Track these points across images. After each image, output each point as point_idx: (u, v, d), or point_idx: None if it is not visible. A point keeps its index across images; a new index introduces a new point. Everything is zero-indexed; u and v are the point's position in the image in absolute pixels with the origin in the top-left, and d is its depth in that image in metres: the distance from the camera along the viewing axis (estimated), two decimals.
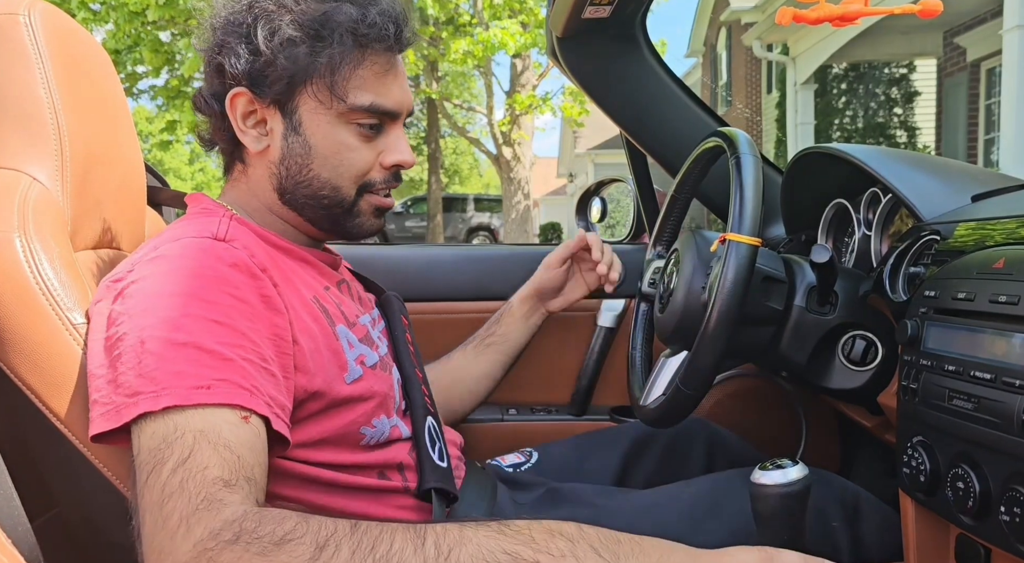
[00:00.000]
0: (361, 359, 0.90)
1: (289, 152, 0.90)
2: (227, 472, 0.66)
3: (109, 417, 0.69)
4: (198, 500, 0.63)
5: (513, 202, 11.05)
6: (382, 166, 0.93)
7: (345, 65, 0.87)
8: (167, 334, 0.71)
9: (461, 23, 10.31)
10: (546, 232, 15.43)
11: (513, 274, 1.56)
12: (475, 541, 0.63)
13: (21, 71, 0.83)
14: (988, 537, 0.69)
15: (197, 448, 0.66)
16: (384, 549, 0.62)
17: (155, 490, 0.64)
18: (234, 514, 0.63)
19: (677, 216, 1.25)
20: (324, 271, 0.96)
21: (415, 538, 0.63)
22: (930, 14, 1.01)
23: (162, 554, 0.62)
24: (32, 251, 0.76)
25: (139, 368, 0.69)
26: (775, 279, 0.97)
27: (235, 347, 0.72)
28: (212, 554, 0.60)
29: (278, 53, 0.86)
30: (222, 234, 0.82)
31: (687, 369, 0.89)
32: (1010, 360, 0.67)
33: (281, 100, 0.88)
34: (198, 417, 0.67)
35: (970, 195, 0.95)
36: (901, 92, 10.88)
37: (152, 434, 0.67)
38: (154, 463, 0.65)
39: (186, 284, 0.75)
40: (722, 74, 14.90)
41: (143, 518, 0.65)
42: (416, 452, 0.94)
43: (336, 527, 0.63)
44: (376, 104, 0.89)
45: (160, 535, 0.63)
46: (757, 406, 1.50)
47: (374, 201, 0.94)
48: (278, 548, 0.61)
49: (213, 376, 0.69)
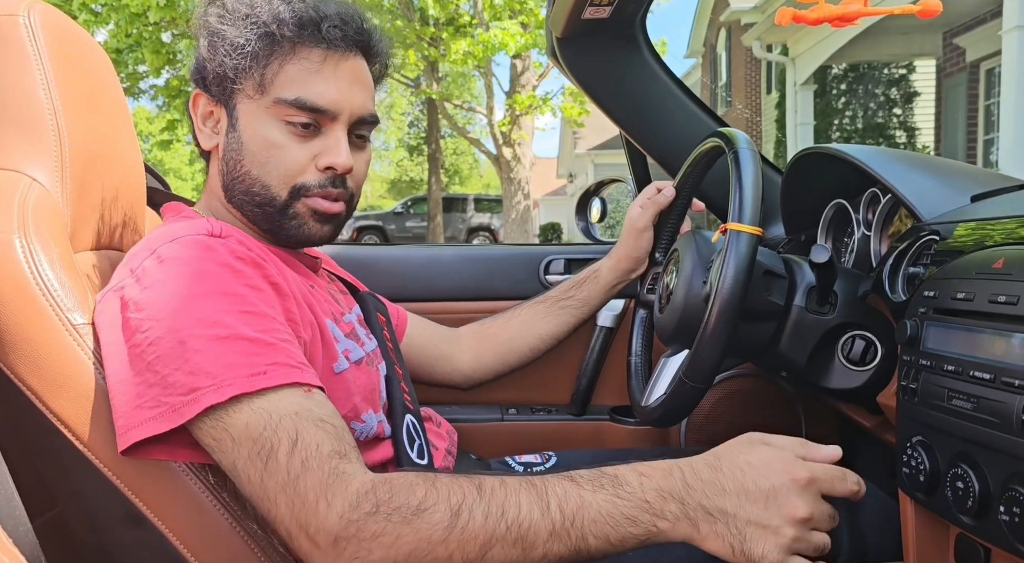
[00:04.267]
0: (347, 353, 0.91)
1: (228, 148, 0.92)
2: (336, 444, 0.71)
3: (165, 418, 0.71)
4: (325, 475, 0.68)
5: (513, 202, 11.05)
6: (317, 168, 0.90)
7: (274, 59, 0.88)
8: (207, 331, 0.72)
9: (461, 24, 10.32)
10: (546, 232, 15.42)
11: (513, 274, 1.56)
12: (595, 506, 0.67)
13: (20, 72, 0.83)
14: (988, 537, 0.69)
15: (301, 428, 0.70)
16: (514, 513, 0.66)
17: (280, 473, 0.68)
18: (363, 484, 0.68)
19: (676, 218, 1.25)
20: (304, 271, 0.97)
21: (540, 501, 0.67)
22: (930, 14, 1.01)
23: (310, 527, 0.67)
24: (32, 252, 0.76)
25: (189, 367, 0.71)
26: (776, 274, 0.97)
27: (271, 332, 0.76)
28: (358, 525, 0.66)
29: (212, 52, 0.89)
30: (217, 231, 0.83)
31: (691, 361, 0.89)
32: (1009, 360, 0.67)
33: (224, 97, 0.91)
34: (270, 401, 0.71)
35: (969, 195, 0.95)
36: (900, 93, 10.88)
37: (246, 425, 0.70)
38: (266, 451, 0.69)
39: (205, 282, 0.76)
40: (722, 74, 14.90)
41: (275, 501, 0.69)
42: (395, 451, 0.94)
43: (464, 491, 0.67)
44: (301, 98, 0.87)
45: (303, 511, 0.67)
46: (757, 406, 1.50)
47: (312, 204, 0.90)
48: (417, 517, 0.66)
49: (264, 362, 0.72)
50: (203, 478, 0.77)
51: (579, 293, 1.28)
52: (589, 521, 0.67)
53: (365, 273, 1.32)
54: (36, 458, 0.82)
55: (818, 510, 0.70)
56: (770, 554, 0.67)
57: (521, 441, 1.48)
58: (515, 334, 1.26)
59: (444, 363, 1.25)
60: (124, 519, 0.77)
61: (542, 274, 1.57)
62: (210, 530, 0.77)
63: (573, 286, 1.28)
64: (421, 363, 1.23)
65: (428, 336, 1.25)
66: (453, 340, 1.27)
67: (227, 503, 0.78)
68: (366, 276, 1.30)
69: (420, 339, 1.24)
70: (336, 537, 0.66)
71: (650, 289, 1.24)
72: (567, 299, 1.28)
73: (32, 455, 0.81)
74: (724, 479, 0.69)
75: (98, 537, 0.84)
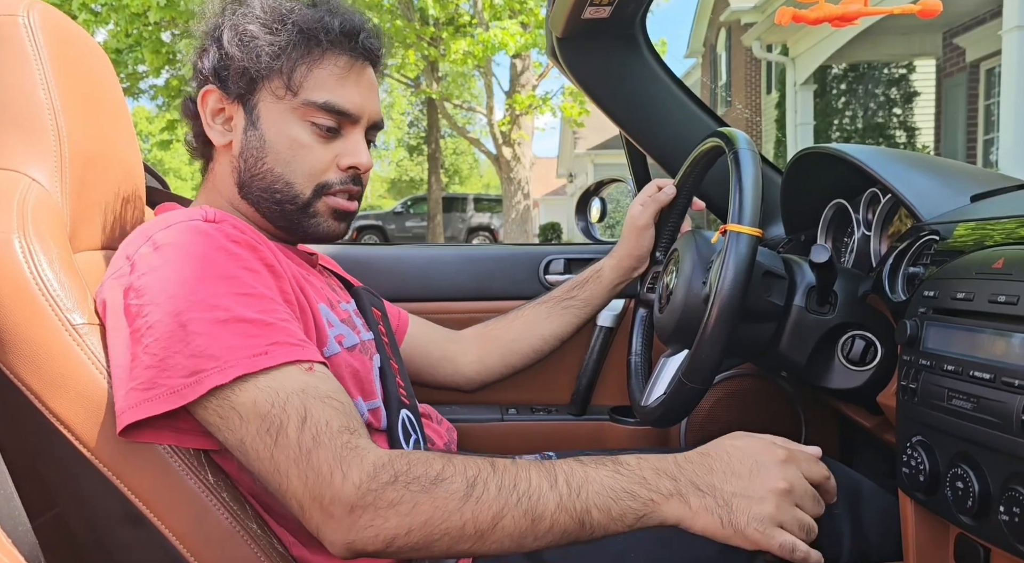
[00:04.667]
0: (340, 339, 0.91)
1: (247, 145, 0.93)
2: (344, 419, 0.73)
3: (164, 399, 0.72)
4: (339, 448, 0.70)
5: (513, 202, 11.05)
6: (339, 168, 0.94)
7: (303, 62, 0.91)
8: (206, 314, 0.74)
9: (461, 23, 10.32)
10: (546, 232, 15.42)
11: (513, 274, 1.56)
12: (598, 480, 0.71)
13: (20, 72, 0.83)
14: (987, 537, 0.69)
15: (309, 405, 0.72)
16: (524, 486, 0.70)
17: (290, 449, 0.70)
18: (379, 457, 0.70)
19: (677, 216, 1.25)
20: (300, 263, 0.98)
21: (548, 475, 0.71)
22: (929, 14, 1.01)
23: (323, 498, 0.69)
24: (32, 252, 0.76)
25: (190, 349, 0.73)
26: (776, 275, 0.97)
27: (269, 312, 0.77)
28: (376, 494, 0.68)
29: (240, 50, 0.91)
30: (211, 217, 0.84)
31: (690, 362, 0.89)
32: (1009, 360, 0.67)
33: (243, 96, 0.93)
34: (275, 379, 0.73)
35: (969, 195, 0.95)
36: (900, 92, 10.88)
37: (254, 403, 0.72)
38: (276, 428, 0.71)
39: (203, 265, 0.77)
40: (722, 74, 14.90)
41: (286, 474, 0.70)
42: (390, 445, 0.94)
43: (479, 466, 0.71)
44: (330, 102, 0.92)
45: (317, 482, 0.69)
46: (757, 406, 1.50)
47: (332, 203, 0.95)
48: (435, 486, 0.69)
49: (265, 342, 0.74)
50: (203, 478, 0.77)
51: (581, 293, 1.28)
52: (593, 494, 0.71)
53: (365, 273, 1.32)
54: (36, 458, 0.82)
55: (799, 485, 0.74)
56: (753, 522, 0.71)
57: (521, 441, 1.48)
58: (518, 335, 1.26)
59: (447, 365, 1.25)
60: (124, 519, 0.77)
61: (542, 274, 1.57)
62: (210, 530, 0.77)
63: (575, 286, 1.29)
64: (424, 365, 1.23)
65: (430, 338, 1.25)
66: (456, 342, 1.27)
67: (227, 503, 0.78)
68: (366, 276, 1.30)
69: (422, 340, 1.24)
70: (352, 506, 0.68)
71: (650, 289, 1.24)
72: (570, 299, 1.28)
73: (32, 455, 0.81)
74: (711, 461, 0.75)
75: (98, 537, 0.84)
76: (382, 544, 0.69)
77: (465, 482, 0.69)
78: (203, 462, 0.78)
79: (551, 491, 0.70)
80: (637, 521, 0.72)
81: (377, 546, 0.69)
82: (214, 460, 0.80)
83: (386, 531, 0.69)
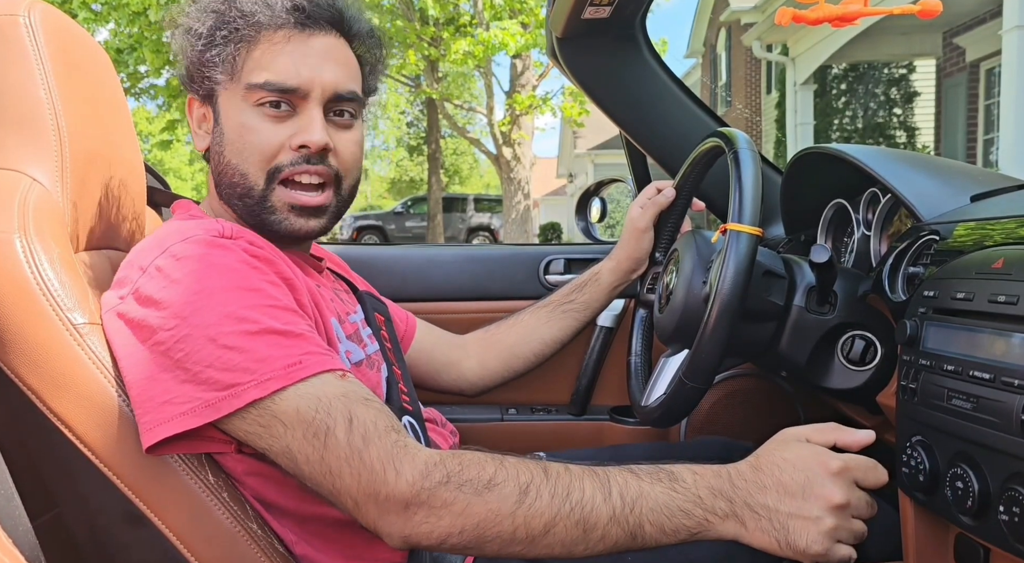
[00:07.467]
0: (347, 354, 0.91)
1: (213, 143, 0.93)
2: (389, 420, 0.74)
3: (199, 413, 0.72)
4: (390, 447, 0.71)
5: (513, 202, 11.05)
6: (290, 148, 0.89)
7: (241, 46, 0.89)
8: (236, 327, 0.74)
9: (461, 23, 10.31)
10: (546, 232, 15.42)
11: (513, 274, 1.56)
12: (652, 496, 0.71)
13: (21, 72, 0.83)
14: (987, 537, 0.69)
15: (353, 408, 0.73)
16: (578, 496, 0.70)
17: (341, 449, 0.71)
18: (431, 456, 0.71)
19: (676, 218, 1.25)
20: (309, 272, 0.97)
21: (602, 487, 0.71)
22: (929, 14, 1.01)
23: (379, 495, 0.70)
24: (32, 252, 0.76)
25: (222, 363, 0.73)
26: (776, 274, 0.97)
27: (295, 323, 0.78)
28: (429, 492, 0.69)
29: (184, 49, 0.91)
30: (228, 233, 0.83)
31: (690, 362, 0.89)
32: (1009, 360, 0.67)
33: (208, 96, 0.92)
34: (313, 386, 0.73)
35: (969, 195, 0.95)
36: (900, 92, 10.88)
37: (297, 410, 0.72)
38: (323, 432, 0.72)
39: (225, 278, 0.77)
40: (722, 74, 14.90)
41: (339, 474, 0.71)
42: None
43: (532, 472, 0.71)
44: (270, 81, 0.87)
45: (371, 480, 0.70)
46: (757, 406, 1.50)
47: (286, 197, 0.89)
48: (488, 490, 0.70)
49: (297, 352, 0.75)
50: (203, 478, 0.77)
51: (581, 296, 1.28)
52: (647, 510, 0.70)
53: (365, 273, 1.32)
54: (36, 458, 0.82)
55: (854, 497, 0.72)
56: (814, 544, 0.70)
57: (521, 441, 1.49)
58: (519, 340, 1.26)
59: (450, 370, 1.25)
60: (124, 519, 0.77)
61: (542, 274, 1.57)
62: (210, 530, 0.77)
63: (575, 289, 1.29)
64: (428, 370, 1.23)
65: (435, 343, 1.25)
66: (459, 347, 1.27)
67: (227, 503, 0.78)
68: (366, 276, 1.30)
69: (428, 345, 1.24)
70: (407, 503, 0.69)
71: (650, 289, 1.24)
72: (569, 303, 1.28)
73: (32, 455, 0.81)
74: (764, 477, 0.73)
75: (98, 537, 0.84)
76: (436, 541, 0.71)
77: (518, 488, 0.70)
78: (203, 462, 0.78)
79: (605, 504, 0.70)
80: (691, 537, 0.72)
81: (431, 542, 0.71)
82: (215, 460, 0.80)
83: (440, 529, 0.70)
